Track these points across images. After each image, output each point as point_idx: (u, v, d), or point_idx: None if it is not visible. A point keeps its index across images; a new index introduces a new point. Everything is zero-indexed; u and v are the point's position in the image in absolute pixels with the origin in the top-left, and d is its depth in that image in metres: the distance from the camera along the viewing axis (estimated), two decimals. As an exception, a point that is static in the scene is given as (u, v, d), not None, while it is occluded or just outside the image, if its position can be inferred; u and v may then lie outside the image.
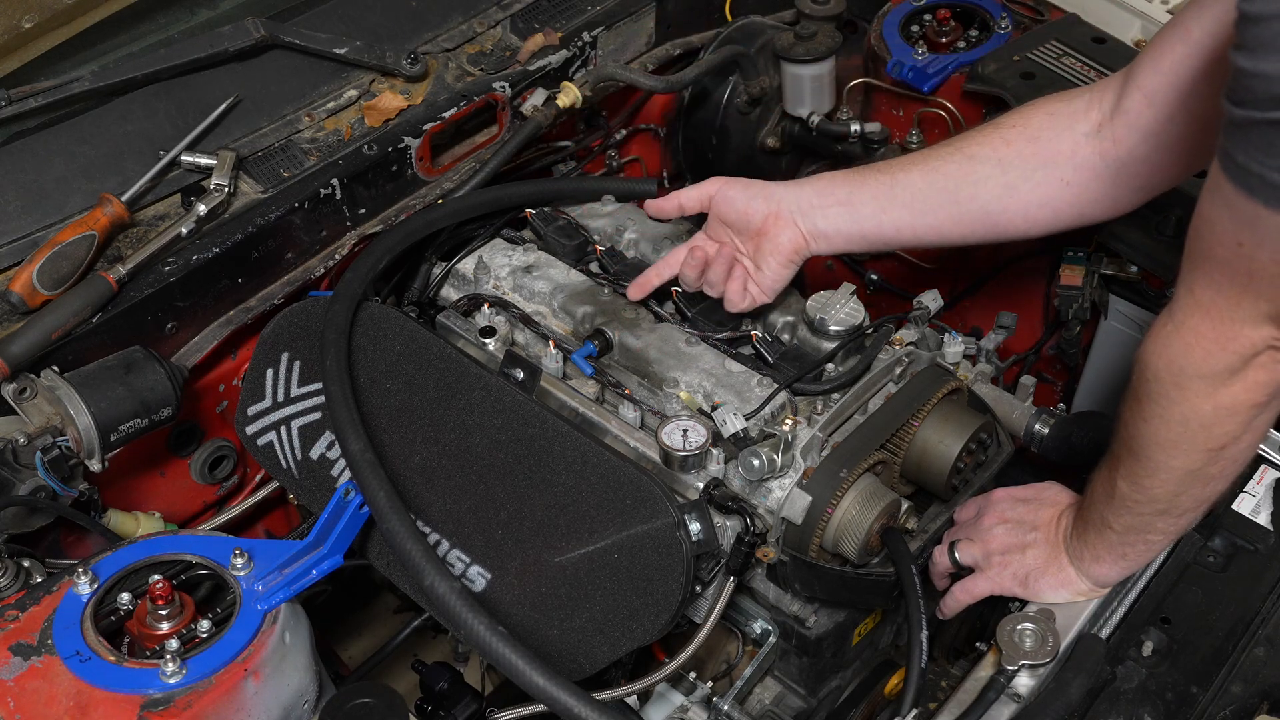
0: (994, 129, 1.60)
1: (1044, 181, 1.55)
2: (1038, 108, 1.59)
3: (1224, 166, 1.13)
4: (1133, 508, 1.45)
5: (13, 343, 1.58)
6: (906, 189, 1.62)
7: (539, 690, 1.31)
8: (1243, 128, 1.09)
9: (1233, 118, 1.09)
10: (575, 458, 1.56)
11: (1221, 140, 1.13)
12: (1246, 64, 1.05)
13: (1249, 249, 1.16)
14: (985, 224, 1.61)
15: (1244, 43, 1.05)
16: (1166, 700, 1.45)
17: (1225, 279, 1.21)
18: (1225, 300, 1.22)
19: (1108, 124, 1.50)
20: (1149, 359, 1.33)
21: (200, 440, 1.87)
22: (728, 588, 1.57)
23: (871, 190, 1.65)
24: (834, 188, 1.67)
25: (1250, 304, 1.21)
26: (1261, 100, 1.05)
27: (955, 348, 1.80)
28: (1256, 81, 1.04)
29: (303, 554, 1.34)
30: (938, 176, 1.61)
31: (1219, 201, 1.16)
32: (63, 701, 1.24)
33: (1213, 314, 1.24)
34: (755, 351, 1.74)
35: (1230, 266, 1.19)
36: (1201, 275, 1.24)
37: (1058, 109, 1.56)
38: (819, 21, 2.22)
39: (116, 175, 1.76)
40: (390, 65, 1.96)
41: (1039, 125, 1.56)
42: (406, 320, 1.74)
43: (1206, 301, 1.24)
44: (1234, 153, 1.11)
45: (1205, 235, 1.21)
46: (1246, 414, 1.30)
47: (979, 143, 1.60)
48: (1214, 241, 1.20)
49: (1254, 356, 1.25)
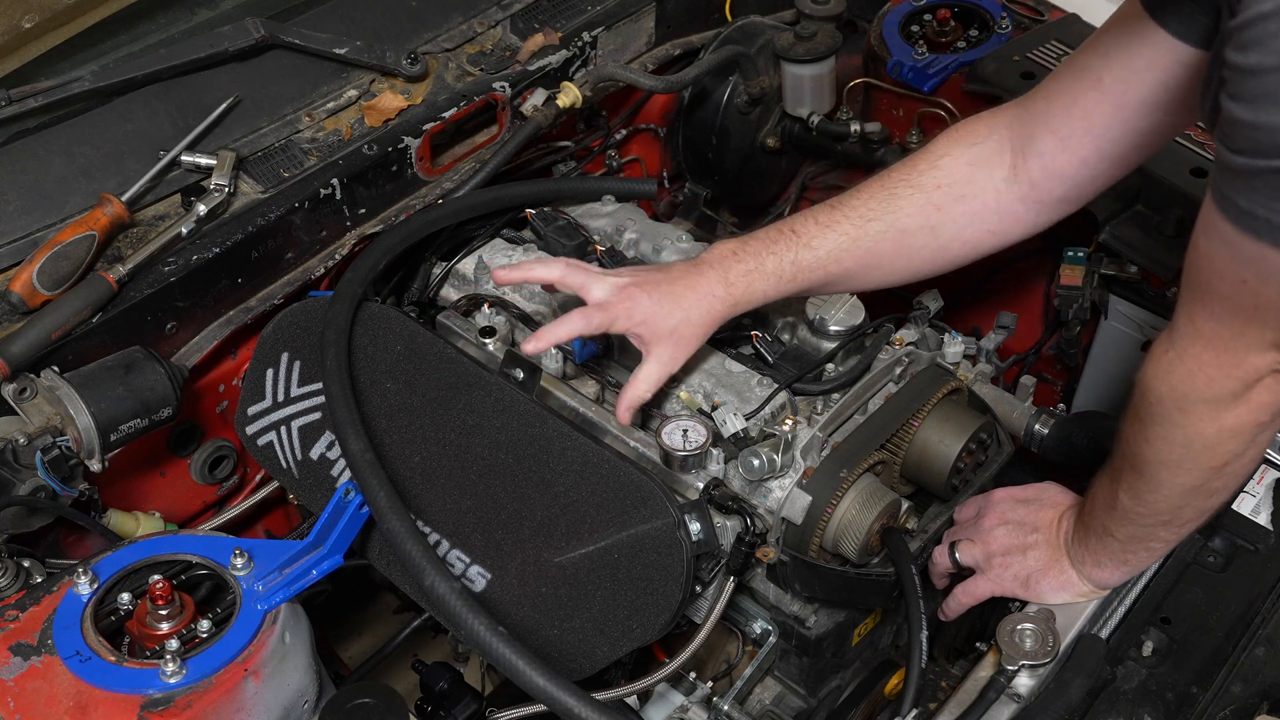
0: (919, 193, 1.59)
1: (972, 237, 1.61)
2: (955, 159, 1.59)
3: (1223, 209, 1.13)
4: (1134, 519, 1.46)
5: (13, 343, 1.58)
6: (844, 281, 1.65)
7: (539, 690, 1.32)
8: (1245, 175, 1.08)
9: (1232, 165, 1.09)
10: (575, 458, 1.56)
11: (1218, 183, 1.13)
12: (1247, 116, 1.05)
13: (1254, 285, 1.15)
14: (911, 278, 1.69)
15: (1241, 94, 1.05)
16: (1166, 700, 1.45)
17: (1228, 312, 1.20)
18: (1228, 331, 1.22)
19: (1021, 164, 1.54)
20: (1151, 383, 1.32)
21: (200, 440, 1.87)
22: (728, 588, 1.57)
23: (805, 281, 1.63)
24: (760, 285, 1.62)
25: (1255, 333, 1.20)
26: (1265, 150, 1.05)
27: (955, 348, 1.80)
28: (1259, 133, 1.04)
29: (303, 554, 1.34)
30: (871, 257, 1.62)
31: (1217, 240, 1.15)
32: (63, 701, 1.24)
33: (1215, 343, 1.23)
34: (755, 351, 1.74)
35: (1234, 301, 1.19)
36: (1202, 307, 1.23)
37: (973, 157, 1.58)
38: (819, 21, 2.22)
39: (116, 175, 1.76)
40: (390, 65, 1.96)
41: (964, 180, 1.58)
42: (406, 320, 1.74)
43: (1209, 332, 1.23)
44: (1235, 198, 1.11)
45: (1205, 270, 1.20)
46: (1250, 433, 1.30)
47: (909, 214, 1.60)
48: (1214, 277, 1.19)
49: (1258, 380, 1.24)
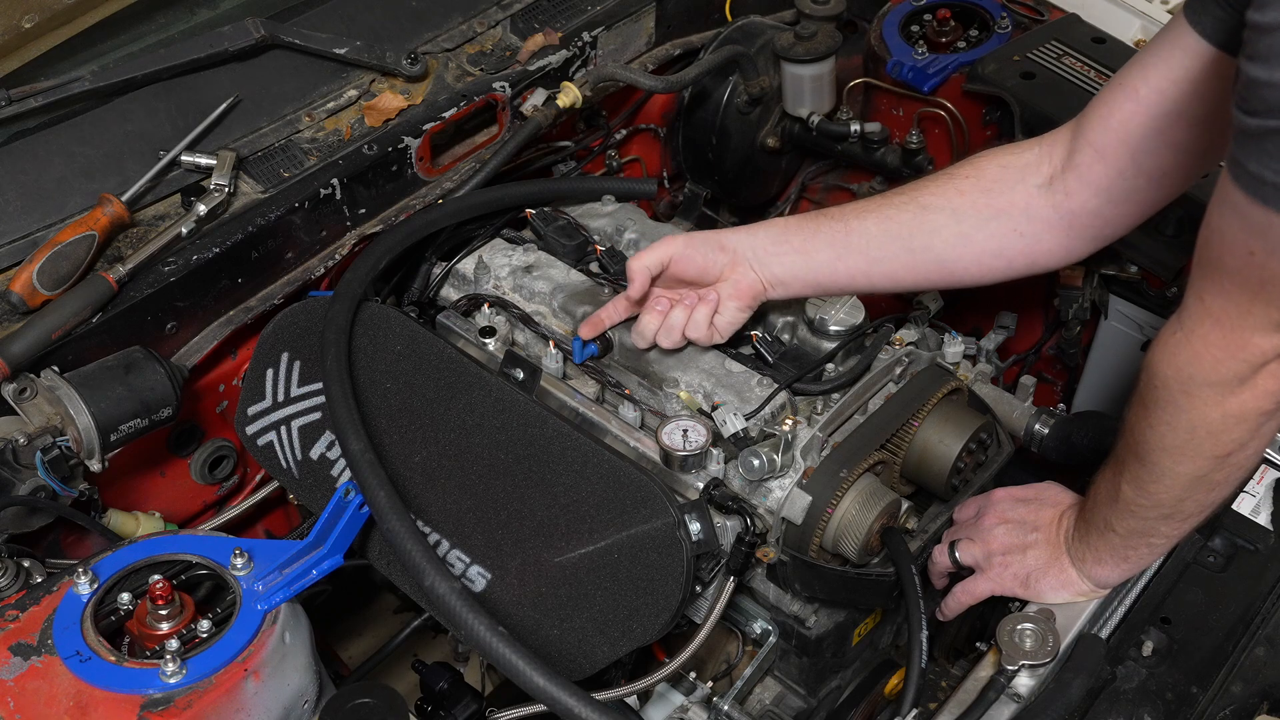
0: (947, 179, 1.61)
1: (998, 232, 1.57)
2: (990, 159, 1.60)
3: (1235, 175, 1.12)
4: (1136, 512, 1.45)
5: (13, 343, 1.58)
6: (862, 236, 1.63)
7: (539, 690, 1.32)
8: (1256, 136, 1.08)
9: (1245, 127, 1.08)
10: (575, 458, 1.56)
11: (1232, 150, 1.12)
12: (1260, 74, 1.04)
13: (1261, 257, 1.15)
14: (939, 271, 1.63)
15: (1256, 53, 1.04)
16: (1166, 700, 1.44)
17: (1236, 287, 1.20)
18: (1236, 308, 1.22)
19: (1059, 177, 1.53)
20: (1157, 366, 1.32)
21: (200, 440, 1.87)
22: (728, 588, 1.57)
23: (826, 238, 1.64)
24: (789, 235, 1.67)
25: (1261, 312, 1.20)
26: (1276, 109, 1.04)
27: (955, 348, 1.80)
28: (1271, 91, 1.04)
29: (303, 554, 1.34)
30: (892, 225, 1.62)
31: (1229, 210, 1.15)
32: (63, 701, 1.24)
33: (1223, 322, 1.23)
34: (755, 351, 1.74)
35: (1241, 275, 1.19)
36: (1211, 284, 1.23)
37: (1009, 161, 1.58)
38: (819, 21, 2.22)
39: (116, 175, 1.76)
40: (390, 65, 1.96)
41: (992, 177, 1.58)
42: (406, 320, 1.74)
43: (1216, 310, 1.23)
44: (1246, 162, 1.10)
45: (1215, 244, 1.20)
46: (1255, 421, 1.30)
47: (932, 192, 1.61)
48: (1224, 250, 1.19)
49: (1264, 364, 1.24)
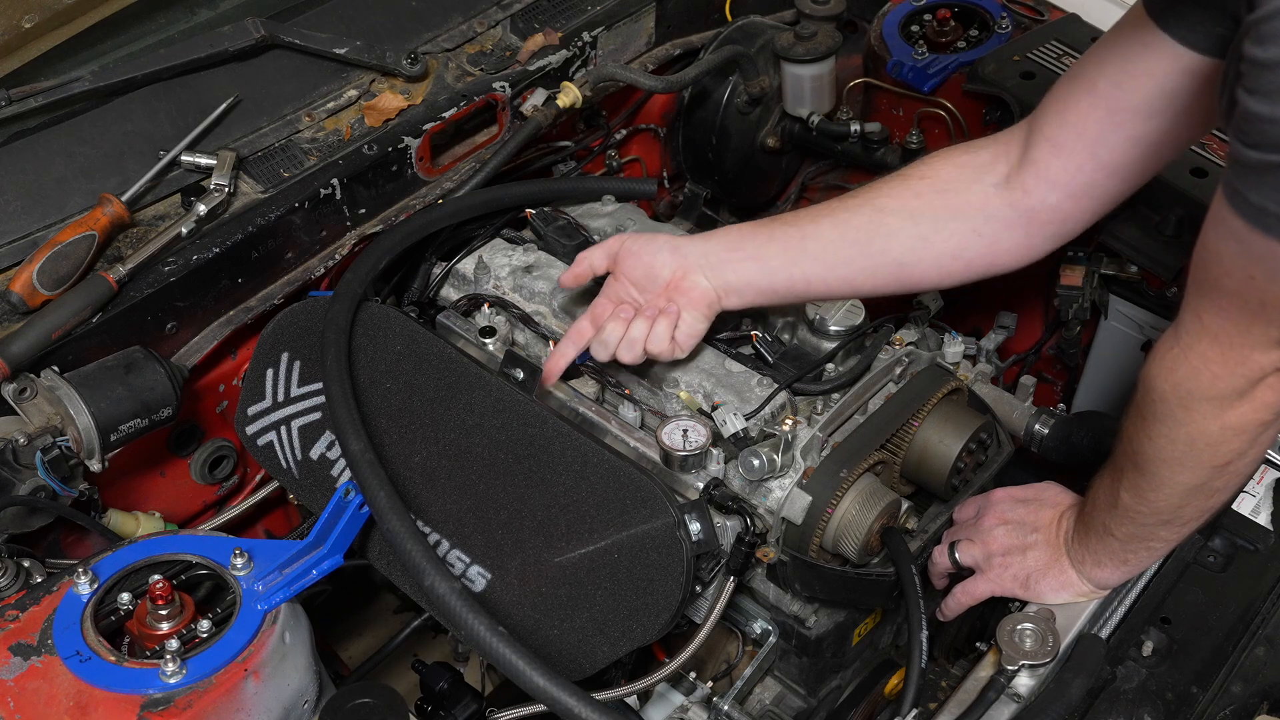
0: (902, 180, 1.59)
1: (956, 233, 1.55)
2: (945, 159, 1.58)
3: (1234, 204, 1.12)
4: (1135, 518, 1.46)
5: (13, 343, 1.58)
6: (817, 241, 1.60)
7: (539, 690, 1.32)
8: (1257, 170, 1.08)
9: (1245, 159, 1.08)
10: (575, 458, 1.56)
11: (1230, 178, 1.13)
12: (1262, 109, 1.04)
13: (1261, 281, 1.15)
14: (898, 276, 1.61)
15: (1257, 87, 1.04)
16: (1166, 700, 1.44)
17: (1235, 308, 1.20)
18: (1234, 327, 1.22)
19: (1016, 174, 1.51)
20: (1154, 380, 1.32)
21: (200, 440, 1.87)
22: (728, 588, 1.57)
23: (781, 244, 1.62)
24: (743, 241, 1.64)
25: (1261, 330, 1.21)
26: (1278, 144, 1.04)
27: (955, 348, 1.80)
28: (1273, 127, 1.04)
29: (303, 554, 1.34)
30: (848, 229, 1.59)
31: (1227, 235, 1.15)
32: (63, 701, 1.24)
33: (1221, 340, 1.23)
34: (755, 351, 1.74)
35: (1241, 297, 1.19)
36: (1209, 303, 1.23)
37: (965, 161, 1.56)
38: (819, 21, 2.22)
39: (116, 175, 1.76)
40: (390, 65, 1.96)
41: (947, 177, 1.56)
42: (406, 320, 1.74)
43: (1215, 328, 1.23)
44: (1247, 193, 1.10)
45: (1212, 266, 1.20)
46: (1253, 432, 1.30)
47: (888, 195, 1.59)
48: (1222, 273, 1.19)
49: (1262, 378, 1.25)
